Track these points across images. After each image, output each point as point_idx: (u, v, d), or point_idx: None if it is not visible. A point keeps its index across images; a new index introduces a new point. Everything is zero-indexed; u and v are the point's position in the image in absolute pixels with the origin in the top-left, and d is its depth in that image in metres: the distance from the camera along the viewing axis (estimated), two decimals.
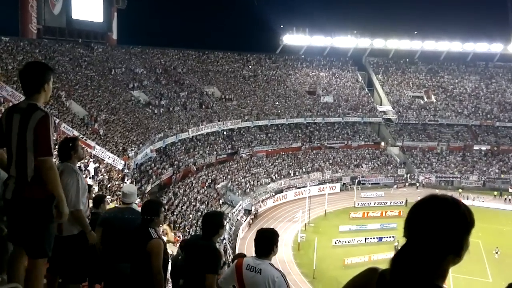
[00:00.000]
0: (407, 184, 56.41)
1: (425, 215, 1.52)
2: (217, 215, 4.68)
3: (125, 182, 28.01)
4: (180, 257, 6.15)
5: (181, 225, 33.48)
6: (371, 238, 37.83)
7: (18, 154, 3.44)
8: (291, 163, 53.80)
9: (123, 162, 32.59)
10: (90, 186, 8.52)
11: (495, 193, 52.68)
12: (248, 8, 78.98)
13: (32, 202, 3.47)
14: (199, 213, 36.54)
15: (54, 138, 3.56)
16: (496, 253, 33.94)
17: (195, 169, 44.48)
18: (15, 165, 3.48)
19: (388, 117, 64.53)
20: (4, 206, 3.65)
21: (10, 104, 27.40)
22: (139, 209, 5.81)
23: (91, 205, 5.98)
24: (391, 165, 58.55)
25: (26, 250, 3.64)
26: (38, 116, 3.36)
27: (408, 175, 57.66)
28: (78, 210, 4.37)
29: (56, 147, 4.75)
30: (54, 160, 3.57)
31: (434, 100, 67.72)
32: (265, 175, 50.12)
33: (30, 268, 3.67)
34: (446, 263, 1.51)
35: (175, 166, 42.19)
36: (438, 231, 1.47)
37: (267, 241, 3.73)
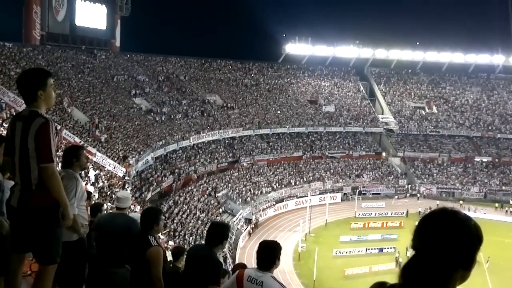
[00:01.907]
0: (408, 195, 56.26)
1: (436, 228, 1.51)
2: (225, 227, 4.65)
3: (126, 190, 27.95)
4: (172, 265, 6.13)
5: (181, 233, 33.38)
6: (371, 249, 37.61)
7: (21, 161, 3.46)
8: (292, 172, 53.74)
9: (123, 170, 32.57)
10: (90, 193, 8.52)
11: (496, 205, 52.50)
12: (251, 17, 79.44)
13: (38, 210, 3.48)
14: (199, 221, 36.46)
15: (55, 144, 3.56)
16: (487, 262, 33.62)
17: (196, 177, 44.43)
18: (19, 173, 3.51)
19: (390, 128, 64.59)
20: (10, 213, 3.66)
21: (12, 110, 27.53)
22: (132, 214, 5.83)
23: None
24: (392, 176, 58.46)
25: (36, 257, 3.66)
26: (38, 123, 3.38)
27: (409, 185, 57.56)
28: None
29: (61, 153, 4.79)
30: (55, 166, 3.58)
31: (436, 111, 67.77)
32: (266, 184, 50.03)
33: (39, 275, 3.68)
34: (456, 278, 1.50)
35: (176, 174, 42.15)
36: (449, 244, 1.47)
37: (269, 254, 3.68)
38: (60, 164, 4.96)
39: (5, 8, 52.51)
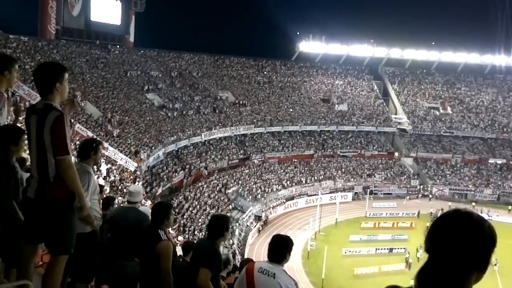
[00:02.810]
0: (420, 195, 55.77)
1: (450, 230, 1.49)
2: (224, 218, 4.77)
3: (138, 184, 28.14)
4: (181, 259, 6.18)
5: (190, 228, 33.54)
6: (381, 249, 37.36)
7: (38, 154, 3.52)
8: (303, 171, 53.62)
9: (135, 164, 32.79)
10: (102, 187, 8.60)
11: (510, 207, 51.77)
12: (265, 14, 79.31)
13: (54, 202, 3.55)
14: (209, 217, 36.51)
15: (70, 136, 3.61)
16: (495, 265, 33.18)
17: (207, 173, 44.56)
18: (36, 166, 3.57)
19: (403, 128, 64.04)
20: (26, 204, 3.72)
21: (27, 103, 27.82)
22: (142, 208, 5.87)
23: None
24: (405, 176, 58.02)
25: (48, 247, 3.71)
26: (54, 116, 3.43)
27: (422, 186, 57.04)
28: None
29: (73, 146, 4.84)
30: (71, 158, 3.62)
31: (450, 112, 67.04)
32: (276, 182, 50.01)
33: (50, 265, 3.73)
34: (471, 280, 1.49)
35: (187, 170, 42.32)
36: (464, 246, 1.46)
37: (281, 248, 3.73)
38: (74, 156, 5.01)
39: (22, 2, 53.16)
